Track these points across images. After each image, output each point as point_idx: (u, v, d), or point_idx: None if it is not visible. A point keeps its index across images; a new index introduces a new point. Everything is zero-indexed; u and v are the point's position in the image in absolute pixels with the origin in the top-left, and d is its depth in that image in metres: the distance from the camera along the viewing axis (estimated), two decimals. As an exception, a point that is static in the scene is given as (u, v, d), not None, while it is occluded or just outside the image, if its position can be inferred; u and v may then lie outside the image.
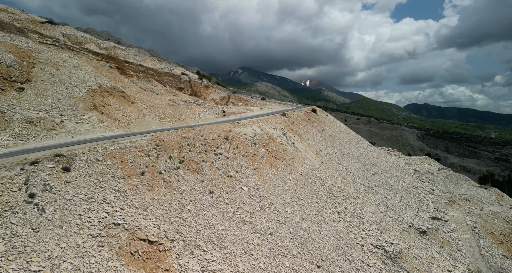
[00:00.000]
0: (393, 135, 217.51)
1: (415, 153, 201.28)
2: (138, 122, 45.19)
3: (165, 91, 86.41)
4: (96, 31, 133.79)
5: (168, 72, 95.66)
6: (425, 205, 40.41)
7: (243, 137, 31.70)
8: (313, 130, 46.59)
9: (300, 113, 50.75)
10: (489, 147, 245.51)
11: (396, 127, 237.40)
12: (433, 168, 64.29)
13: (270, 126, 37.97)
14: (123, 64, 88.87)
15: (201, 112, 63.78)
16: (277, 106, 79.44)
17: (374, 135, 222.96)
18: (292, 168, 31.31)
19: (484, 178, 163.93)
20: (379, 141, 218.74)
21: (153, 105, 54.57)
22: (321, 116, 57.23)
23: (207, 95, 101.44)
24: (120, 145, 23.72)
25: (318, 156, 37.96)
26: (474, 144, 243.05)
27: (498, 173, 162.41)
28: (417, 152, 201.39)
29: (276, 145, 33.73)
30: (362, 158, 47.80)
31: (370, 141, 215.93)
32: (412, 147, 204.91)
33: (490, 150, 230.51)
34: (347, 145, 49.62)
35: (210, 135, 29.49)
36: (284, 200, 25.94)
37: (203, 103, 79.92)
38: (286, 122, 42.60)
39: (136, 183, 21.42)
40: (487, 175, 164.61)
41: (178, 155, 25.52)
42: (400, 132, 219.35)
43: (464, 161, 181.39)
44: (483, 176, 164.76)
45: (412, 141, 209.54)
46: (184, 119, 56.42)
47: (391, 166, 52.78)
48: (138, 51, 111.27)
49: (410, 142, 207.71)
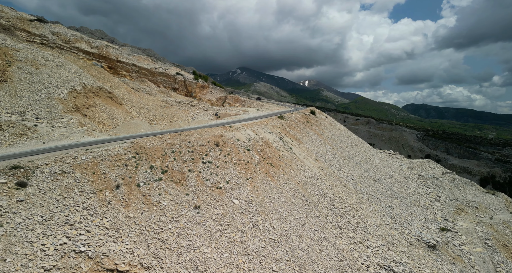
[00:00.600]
0: (392, 136, 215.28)
1: (415, 154, 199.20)
2: (126, 125, 42.27)
3: (158, 92, 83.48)
4: (89, 30, 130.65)
5: (162, 72, 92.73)
6: (432, 214, 37.75)
7: (236, 143, 28.90)
8: (312, 133, 43.85)
9: (298, 116, 48.02)
10: (489, 148, 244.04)
11: (395, 128, 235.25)
12: (437, 172, 61.81)
13: (266, 130, 35.18)
14: (115, 64, 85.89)
15: (195, 114, 60.93)
16: (275, 107, 76.68)
17: (373, 136, 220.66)
18: (289, 177, 28.53)
19: (485, 180, 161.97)
20: (379, 142, 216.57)
21: (143, 107, 51.65)
22: (320, 118, 54.53)
23: (203, 96, 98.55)
24: (93, 153, 20.85)
25: (317, 162, 35.18)
26: (473, 144, 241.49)
27: (499, 174, 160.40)
28: (416, 153, 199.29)
29: (272, 151, 30.94)
30: (364, 162, 45.08)
31: (369, 142, 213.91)
32: (411, 148, 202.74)
33: (490, 150, 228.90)
34: (348, 149, 46.89)
35: (198, 141, 26.66)
36: (280, 214, 23.15)
37: (198, 104, 77.06)
38: (283, 125, 39.83)
39: (109, 198, 18.56)
40: (488, 176, 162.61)
41: (160, 164, 22.67)
42: (399, 133, 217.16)
43: (464, 162, 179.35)
44: (484, 177, 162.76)
45: (411, 141, 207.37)
46: (176, 121, 53.54)
47: (394, 170, 50.11)
48: (132, 51, 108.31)
49: (409, 143, 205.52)
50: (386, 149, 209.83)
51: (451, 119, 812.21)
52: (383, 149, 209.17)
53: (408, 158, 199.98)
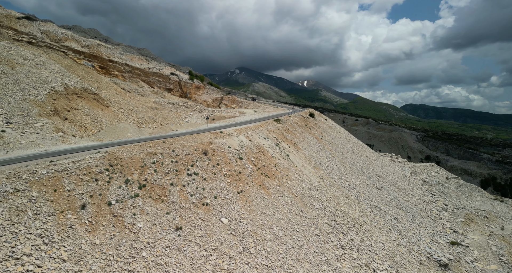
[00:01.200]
0: (392, 137, 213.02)
1: (415, 155, 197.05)
2: (111, 129, 39.35)
3: (151, 93, 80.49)
4: (82, 29, 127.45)
5: (156, 72, 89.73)
6: (440, 225, 35.05)
7: (227, 150, 26.04)
8: (311, 138, 41.06)
9: (296, 119, 45.24)
10: (489, 149, 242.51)
11: (395, 129, 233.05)
12: (441, 176, 59.23)
13: (261, 135, 32.34)
14: (107, 64, 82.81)
15: (188, 116, 58.02)
16: (272, 109, 73.88)
17: (373, 137, 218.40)
18: (286, 189, 25.70)
19: (486, 181, 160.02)
20: (378, 143, 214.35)
21: (132, 109, 48.70)
22: (319, 121, 51.77)
23: (198, 97, 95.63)
24: (58, 166, 17.96)
25: (317, 170, 32.39)
26: (473, 145, 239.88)
27: (500, 176, 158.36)
28: (416, 154, 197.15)
29: (267, 159, 28.11)
30: (366, 169, 42.35)
31: (369, 143, 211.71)
32: (411, 149, 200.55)
33: (490, 151, 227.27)
34: (349, 154, 44.16)
35: (184, 150, 23.79)
36: (275, 235, 20.32)
37: (192, 105, 74.15)
38: (280, 129, 37.02)
39: (72, 221, 15.68)
40: (488, 178, 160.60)
41: (138, 178, 19.80)
42: (399, 134, 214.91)
43: (465, 163, 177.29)
44: (485, 179, 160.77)
45: (411, 143, 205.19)
46: (167, 124, 50.63)
47: (398, 176, 47.41)
48: (125, 50, 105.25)
49: (409, 144, 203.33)
50: (385, 150, 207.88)
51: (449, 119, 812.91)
52: (382, 150, 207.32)
53: (408, 159, 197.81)
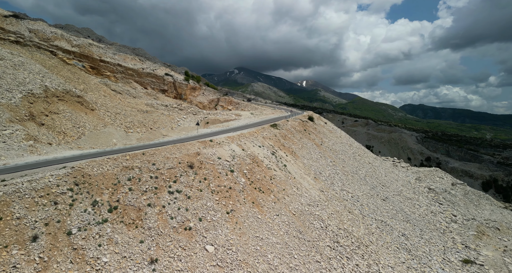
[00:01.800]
0: (391, 138, 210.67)
1: (415, 156, 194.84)
2: (94, 135, 36.40)
3: (144, 94, 77.54)
4: (75, 28, 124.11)
5: (150, 73, 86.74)
6: (450, 239, 32.31)
7: (216, 162, 23.17)
8: (310, 144, 38.23)
9: (294, 123, 42.40)
10: (489, 150, 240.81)
11: (394, 129, 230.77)
12: (446, 182, 56.61)
13: (256, 143, 29.47)
14: (99, 64, 79.77)
15: (181, 120, 55.10)
16: (270, 111, 71.07)
17: (372, 138, 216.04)
18: (282, 205, 22.85)
19: (487, 183, 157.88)
20: (378, 144, 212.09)
21: (120, 112, 45.72)
22: (319, 125, 48.95)
23: (194, 98, 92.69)
24: (8, 188, 15.04)
25: (317, 182, 29.56)
26: (473, 146, 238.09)
27: (502, 178, 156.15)
28: (416, 155, 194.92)
29: (262, 170, 25.26)
30: (369, 177, 39.58)
31: (368, 144, 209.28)
32: (411, 150, 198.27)
33: (490, 152, 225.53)
34: (351, 161, 41.38)
35: (167, 163, 20.90)
36: (269, 264, 17.47)
37: (187, 107, 71.24)
38: (277, 136, 34.16)
39: (17, 258, 12.77)
40: (490, 180, 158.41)
41: (109, 198, 16.90)
42: (399, 135, 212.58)
43: (465, 165, 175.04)
44: (486, 181, 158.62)
45: (411, 144, 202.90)
46: (157, 128, 47.70)
47: (402, 184, 44.67)
48: (118, 50, 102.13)
49: (409, 145, 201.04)
50: (385, 151, 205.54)
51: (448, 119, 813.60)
52: (382, 151, 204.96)
53: (408, 160, 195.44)
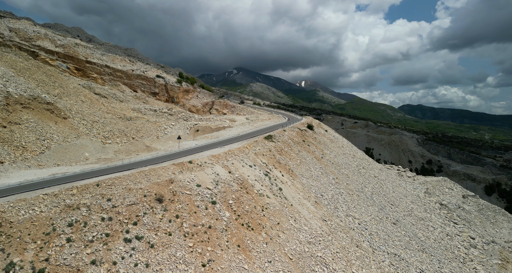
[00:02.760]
0: (392, 140, 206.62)
1: (416, 159, 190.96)
2: (62, 148, 31.72)
3: (133, 98, 72.82)
4: (65, 28, 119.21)
5: (140, 75, 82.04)
6: (472, 271, 27.83)
7: (194, 192, 18.58)
8: (309, 158, 33.70)
9: (292, 133, 37.83)
10: (490, 152, 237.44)
11: (395, 131, 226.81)
12: (456, 194, 52.34)
13: (246, 162, 24.90)
14: (84, 65, 75.03)
15: (168, 127, 50.45)
16: (266, 115, 66.56)
17: (372, 140, 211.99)
18: (276, 246, 18.29)
19: (490, 187, 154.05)
20: (378, 146, 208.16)
21: (98, 120, 40.99)
22: (319, 134, 44.39)
23: (187, 101, 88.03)
24: None
25: (318, 207, 25.02)
26: (474, 148, 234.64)
27: (505, 182, 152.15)
28: (417, 158, 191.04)
29: (251, 198, 20.69)
30: (377, 195, 35.11)
31: (368, 146, 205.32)
32: (412, 153, 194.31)
33: (492, 155, 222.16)
34: (356, 176, 36.91)
35: (127, 197, 16.31)
36: None
37: (177, 112, 66.61)
38: (272, 151, 29.61)
39: None
40: (493, 184, 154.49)
41: (34, 257, 12.29)
42: (399, 137, 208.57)
43: (468, 168, 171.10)
44: (489, 185, 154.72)
45: (412, 146, 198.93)
46: (141, 138, 43.04)
47: (412, 200, 40.21)
48: (108, 50, 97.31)
49: (410, 148, 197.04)
50: (386, 153, 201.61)
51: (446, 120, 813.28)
52: (383, 154, 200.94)
53: (409, 163, 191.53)
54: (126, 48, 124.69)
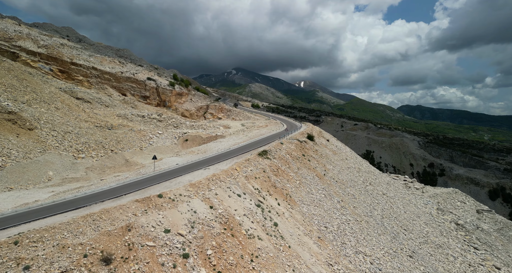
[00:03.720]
0: (393, 143, 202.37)
1: (417, 162, 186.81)
2: (21, 166, 27.06)
3: (121, 102, 68.06)
4: (54, 27, 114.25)
5: (129, 77, 77.24)
6: (505, 317, 23.26)
7: (160, 242, 13.93)
8: (310, 177, 29.15)
9: (290, 146, 33.23)
10: (492, 154, 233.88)
11: (395, 134, 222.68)
12: (470, 209, 47.97)
13: (234, 189, 20.28)
14: (69, 67, 70.21)
15: (155, 136, 45.74)
16: (263, 121, 62.01)
17: (373, 143, 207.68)
18: (268, 317, 13.64)
19: (494, 192, 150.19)
20: (378, 149, 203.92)
21: (72, 131, 36.26)
22: (320, 145, 39.75)
23: (180, 105, 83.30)
24: None
25: (322, 245, 20.42)
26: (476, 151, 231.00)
27: (510, 186, 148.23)
28: (419, 161, 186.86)
29: (238, 244, 16.06)
30: (387, 218, 30.60)
31: (369, 149, 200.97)
32: (413, 155, 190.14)
33: (494, 157, 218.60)
34: (363, 196, 32.38)
35: (58, 259, 11.64)
36: None
37: (167, 118, 61.92)
38: (267, 171, 25.03)
39: None
40: (497, 188, 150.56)
41: None
42: (400, 139, 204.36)
43: (470, 172, 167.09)
44: (493, 189, 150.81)
45: (413, 149, 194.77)
46: (121, 150, 38.34)
47: (425, 221, 35.66)
48: (98, 51, 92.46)
49: (411, 151, 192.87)
50: (386, 156, 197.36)
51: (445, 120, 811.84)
52: (383, 157, 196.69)
53: (410, 166, 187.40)
54: (119, 49, 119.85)
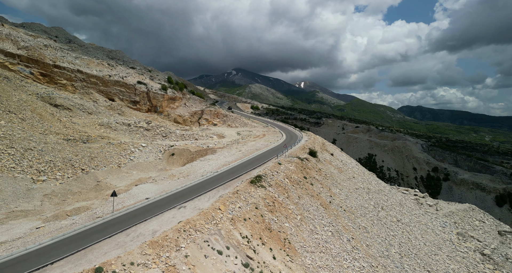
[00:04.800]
0: (395, 146, 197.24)
1: (421, 166, 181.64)
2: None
3: (106, 108, 62.96)
4: (43, 27, 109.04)
5: (118, 81, 72.14)
6: None
7: None
8: (314, 207, 24.12)
9: (289, 167, 28.14)
10: (497, 157, 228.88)
11: (398, 136, 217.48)
12: (490, 229, 43.08)
13: (216, 244, 15.15)
14: (51, 70, 65.06)
15: (137, 149, 40.65)
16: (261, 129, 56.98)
17: (375, 146, 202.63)
18: None
19: (501, 198, 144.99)
20: (381, 153, 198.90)
21: (35, 147, 31.19)
22: (324, 161, 34.57)
23: (173, 111, 78.20)
24: None
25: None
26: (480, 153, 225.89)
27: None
28: (422, 165, 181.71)
29: None
30: (407, 257, 25.51)
31: (371, 152, 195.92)
32: (417, 159, 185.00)
33: (498, 161, 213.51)
34: (376, 227, 27.32)
35: None
36: None
37: (156, 127, 56.83)
38: (260, 207, 19.98)
39: None
40: (504, 194, 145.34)
41: None
42: (403, 143, 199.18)
43: (476, 176, 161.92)
44: (500, 195, 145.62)
45: (416, 153, 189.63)
46: (95, 168, 33.25)
47: (447, 254, 30.56)
48: (86, 52, 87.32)
49: (414, 154, 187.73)
50: (389, 160, 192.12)
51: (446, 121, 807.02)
52: (386, 160, 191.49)
53: (414, 171, 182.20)
54: (111, 50, 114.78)
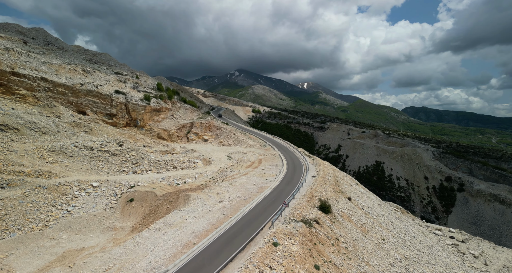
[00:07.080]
0: (404, 153, 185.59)
1: (433, 175, 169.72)
2: None
3: (70, 126, 52.51)
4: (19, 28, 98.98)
5: (91, 91, 61.75)
6: None
7: None
8: None
9: (291, 248, 17.05)
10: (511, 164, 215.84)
11: (407, 142, 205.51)
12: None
13: None
14: (8, 78, 54.85)
15: (83, 192, 30.04)
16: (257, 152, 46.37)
17: (383, 153, 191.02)
18: None
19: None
20: (389, 160, 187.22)
21: None
22: (341, 218, 23.53)
23: (156, 124, 67.72)
24: None
25: None
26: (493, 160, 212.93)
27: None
28: (434, 174, 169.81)
29: None
30: None
31: (378, 160, 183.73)
32: (428, 168, 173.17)
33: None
34: None
35: None
36: None
37: (127, 150, 46.28)
38: None
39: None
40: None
41: None
42: (412, 149, 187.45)
43: (493, 187, 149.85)
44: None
45: (427, 160, 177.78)
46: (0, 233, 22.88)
47: None
48: (61, 56, 77.01)
49: (425, 162, 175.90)
50: (398, 168, 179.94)
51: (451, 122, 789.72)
52: (395, 168, 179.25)
53: (425, 180, 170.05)
54: (96, 53, 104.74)
